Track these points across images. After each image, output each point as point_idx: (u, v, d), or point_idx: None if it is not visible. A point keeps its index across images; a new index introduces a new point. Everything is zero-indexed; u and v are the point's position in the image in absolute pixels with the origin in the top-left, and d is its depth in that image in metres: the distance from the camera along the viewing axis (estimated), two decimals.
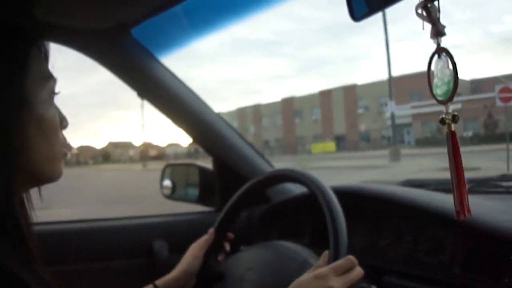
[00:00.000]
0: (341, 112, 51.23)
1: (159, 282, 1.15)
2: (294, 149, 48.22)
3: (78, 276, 1.41)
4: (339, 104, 51.59)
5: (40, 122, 0.68)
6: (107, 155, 60.46)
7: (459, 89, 0.61)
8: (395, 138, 26.04)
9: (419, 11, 0.62)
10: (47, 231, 1.45)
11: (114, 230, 1.57)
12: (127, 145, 72.47)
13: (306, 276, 0.88)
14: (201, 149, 1.70)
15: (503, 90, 12.39)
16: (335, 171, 14.84)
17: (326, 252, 0.93)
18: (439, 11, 0.61)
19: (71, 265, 1.41)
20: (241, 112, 61.93)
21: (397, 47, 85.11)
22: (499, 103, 12.24)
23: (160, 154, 60.37)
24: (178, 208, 1.77)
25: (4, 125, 0.62)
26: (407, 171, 13.11)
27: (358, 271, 0.90)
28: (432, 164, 13.98)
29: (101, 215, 1.66)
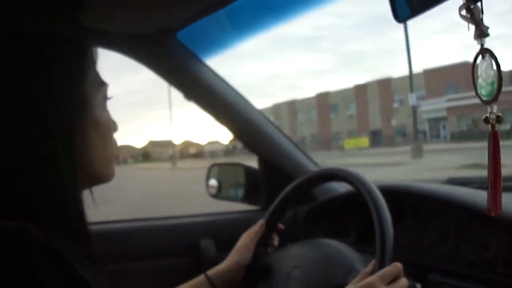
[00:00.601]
0: (377, 106, 50.08)
1: (210, 272, 1.17)
2: (329, 145, 47.49)
3: (126, 275, 1.45)
4: (374, 98, 50.43)
5: (97, 125, 0.72)
6: (146, 154, 61.22)
7: None
8: (415, 134, 24.97)
9: (463, 12, 0.63)
10: (97, 230, 1.48)
11: (161, 229, 1.61)
12: (167, 144, 73.13)
13: (354, 286, 0.89)
14: (239, 146, 1.72)
15: None
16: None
17: (373, 262, 0.93)
18: (482, 12, 0.62)
19: (119, 264, 1.44)
20: (276, 108, 61.28)
21: (436, 38, 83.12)
22: None
23: (199, 152, 60.65)
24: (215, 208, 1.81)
25: (68, 127, 0.67)
26: (427, 169, 12.70)
27: (405, 281, 0.91)
28: (458, 160, 13.53)
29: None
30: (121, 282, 1.41)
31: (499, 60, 0.61)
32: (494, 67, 0.62)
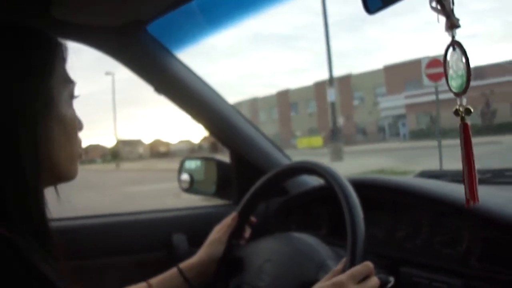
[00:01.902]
0: (337, 104, 50.16)
1: (182, 265, 1.18)
2: (288, 144, 47.30)
3: (97, 270, 1.43)
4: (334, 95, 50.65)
5: (63, 122, 0.72)
6: (115, 153, 60.47)
7: None
8: (334, 133, 22.85)
9: (433, 4, 0.63)
10: (66, 226, 1.46)
11: (133, 224, 1.59)
12: (136, 143, 72.21)
13: (324, 283, 0.89)
14: (205, 146, 1.72)
15: (431, 64, 9.81)
16: None
17: (344, 260, 0.94)
18: (453, 4, 0.62)
19: (90, 260, 1.43)
20: (238, 106, 60.40)
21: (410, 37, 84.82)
22: (426, 81, 10.19)
23: (166, 152, 60.14)
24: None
25: (32, 122, 0.67)
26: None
27: (375, 281, 0.92)
28: (381, 163, 13.47)
29: None
30: (93, 277, 1.41)
31: (467, 53, 0.62)
32: (463, 59, 0.62)
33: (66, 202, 0.78)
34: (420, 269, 1.08)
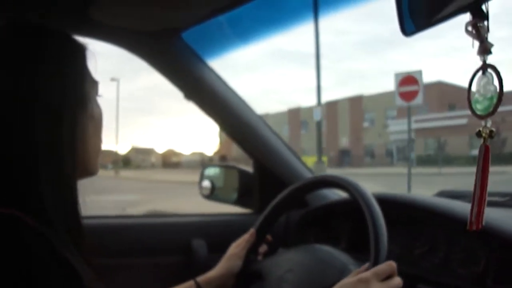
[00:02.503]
0: (347, 124, 48.34)
1: (200, 279, 1.17)
2: None
3: (117, 270, 1.44)
4: (345, 116, 48.59)
5: (93, 119, 0.78)
6: (127, 160, 60.29)
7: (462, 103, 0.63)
8: (319, 151, 20.54)
9: (469, 28, 0.64)
10: (90, 224, 1.48)
11: (155, 227, 1.61)
12: (149, 151, 72.30)
13: (349, 279, 0.90)
14: (215, 159, 1.73)
15: (404, 81, 9.12)
16: None
17: (367, 264, 0.94)
18: (488, 30, 0.63)
19: (111, 259, 1.43)
20: None
21: (433, 61, 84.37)
22: (399, 101, 9.44)
23: (177, 162, 60.13)
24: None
25: (71, 119, 0.71)
26: None
27: (398, 280, 0.92)
28: (372, 188, 13.08)
29: None
30: (112, 277, 1.39)
31: (501, 75, 0.62)
32: (496, 82, 0.62)
33: None
34: (436, 287, 1.08)
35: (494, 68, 0.63)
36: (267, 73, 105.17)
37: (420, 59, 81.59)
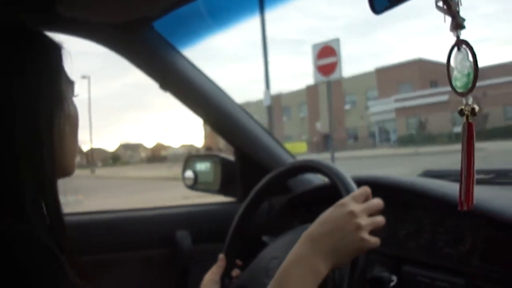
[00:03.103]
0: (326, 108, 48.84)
1: None
2: None
3: (101, 266, 1.44)
4: (326, 99, 49.01)
5: (70, 119, 0.77)
6: (116, 157, 60.09)
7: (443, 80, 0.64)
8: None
9: (440, 4, 0.63)
10: (69, 222, 1.46)
11: (137, 220, 1.60)
12: (138, 147, 71.95)
13: (328, 211, 0.89)
14: (201, 151, 1.72)
15: (322, 52, 8.21)
16: None
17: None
18: (459, 4, 0.62)
19: (93, 255, 1.42)
20: None
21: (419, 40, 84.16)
22: (318, 76, 8.60)
23: (164, 156, 60.02)
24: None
25: (49, 120, 0.71)
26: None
27: (378, 201, 0.92)
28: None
29: None
30: (97, 272, 1.41)
31: (475, 50, 0.61)
32: (470, 58, 0.62)
33: None
34: (423, 268, 1.08)
35: (467, 44, 0.62)
36: (254, 62, 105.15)
37: (406, 38, 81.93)
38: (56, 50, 0.76)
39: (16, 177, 0.66)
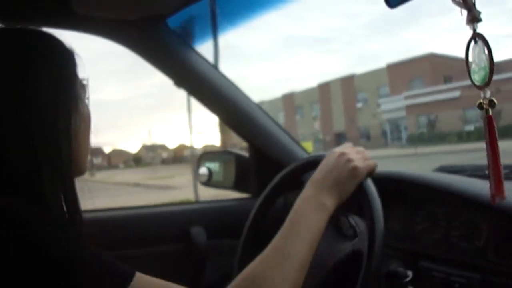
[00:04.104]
0: (340, 106, 46.21)
1: None
2: None
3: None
4: (338, 97, 46.47)
5: (85, 119, 0.80)
6: (138, 159, 60.36)
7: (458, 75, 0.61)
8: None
9: None
10: (89, 218, 1.48)
11: (153, 217, 1.61)
12: (160, 148, 72.06)
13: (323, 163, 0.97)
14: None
15: None
16: None
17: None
18: None
19: (111, 251, 1.43)
20: None
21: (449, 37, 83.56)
22: None
23: (179, 157, 60.15)
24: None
25: (67, 119, 0.75)
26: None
27: (374, 161, 0.98)
28: None
29: None
30: None
31: (489, 44, 0.62)
32: (486, 51, 0.62)
33: None
34: (438, 263, 1.08)
35: (482, 37, 0.63)
36: (281, 61, 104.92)
37: (433, 36, 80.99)
38: (71, 55, 0.79)
39: (37, 174, 0.69)
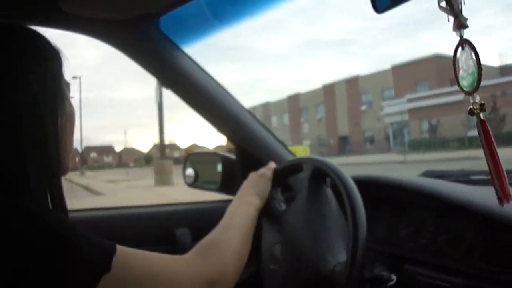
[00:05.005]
0: (345, 109, 45.51)
1: None
2: None
3: None
4: (342, 99, 45.77)
5: (69, 118, 0.81)
6: (149, 158, 60.73)
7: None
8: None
9: (442, 4, 0.63)
10: (72, 218, 1.47)
11: (137, 218, 1.60)
12: (172, 147, 72.29)
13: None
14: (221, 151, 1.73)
15: None
16: None
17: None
18: (461, 3, 0.62)
19: None
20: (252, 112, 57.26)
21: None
22: None
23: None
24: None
25: (53, 118, 0.75)
26: None
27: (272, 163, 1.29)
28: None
29: None
30: None
31: (477, 50, 0.62)
32: (474, 57, 0.62)
33: None
34: (423, 268, 1.08)
35: (469, 43, 0.63)
36: (300, 63, 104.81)
37: (454, 39, 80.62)
38: (57, 54, 0.80)
39: (24, 171, 0.69)
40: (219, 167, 1.70)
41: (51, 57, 0.79)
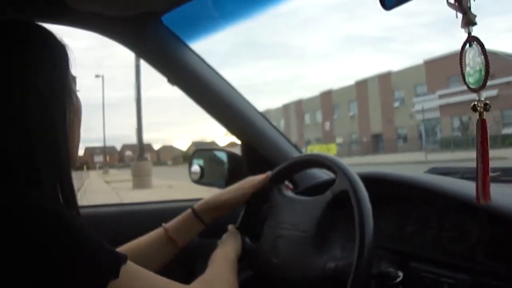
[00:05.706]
0: (378, 105, 44.19)
1: (197, 206, 1.28)
2: None
3: None
4: (375, 96, 44.49)
5: (77, 112, 0.82)
6: (186, 156, 62.11)
7: (498, 72, 0.59)
8: (140, 142, 18.74)
9: (451, 0, 0.63)
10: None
11: (140, 214, 1.61)
12: (210, 145, 73.64)
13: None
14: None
15: None
16: None
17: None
18: (470, 0, 0.63)
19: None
20: (285, 109, 56.75)
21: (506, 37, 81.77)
22: None
23: None
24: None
25: (62, 112, 0.77)
26: None
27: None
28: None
29: None
30: None
31: (485, 47, 0.62)
32: (482, 54, 0.62)
33: None
34: (428, 264, 1.08)
35: (478, 40, 0.63)
36: (339, 60, 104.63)
37: (495, 35, 79.19)
38: (63, 49, 0.81)
39: (34, 165, 0.70)
40: (226, 164, 1.70)
41: (57, 52, 0.79)
